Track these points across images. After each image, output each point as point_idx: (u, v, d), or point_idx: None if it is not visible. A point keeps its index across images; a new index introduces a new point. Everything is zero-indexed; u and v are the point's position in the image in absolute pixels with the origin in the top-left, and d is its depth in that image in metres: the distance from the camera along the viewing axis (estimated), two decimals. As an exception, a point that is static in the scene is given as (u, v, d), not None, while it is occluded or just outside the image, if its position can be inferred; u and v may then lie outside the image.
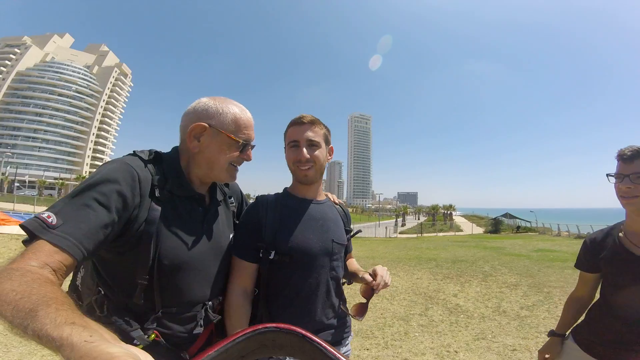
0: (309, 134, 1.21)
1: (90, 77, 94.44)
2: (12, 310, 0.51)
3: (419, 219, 68.55)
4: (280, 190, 1.35)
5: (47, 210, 0.74)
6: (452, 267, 8.85)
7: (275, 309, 1.16)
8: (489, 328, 4.18)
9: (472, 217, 57.10)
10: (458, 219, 50.09)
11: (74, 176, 75.34)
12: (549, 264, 9.38)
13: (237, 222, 1.26)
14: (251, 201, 1.34)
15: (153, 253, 0.90)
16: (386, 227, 32.98)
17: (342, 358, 0.59)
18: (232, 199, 1.29)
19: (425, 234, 30.47)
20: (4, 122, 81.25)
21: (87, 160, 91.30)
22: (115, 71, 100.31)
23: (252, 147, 1.13)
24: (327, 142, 1.30)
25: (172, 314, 0.96)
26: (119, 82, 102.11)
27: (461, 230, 34.28)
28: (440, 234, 30.31)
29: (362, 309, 1.20)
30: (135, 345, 0.86)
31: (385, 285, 1.19)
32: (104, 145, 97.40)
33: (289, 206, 1.25)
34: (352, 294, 3.76)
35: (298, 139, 1.22)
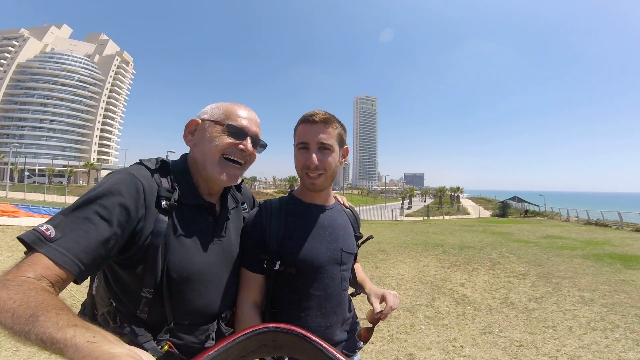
0: (322, 137, 1.08)
1: (92, 66, 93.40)
2: (11, 317, 0.51)
3: (425, 201, 68.49)
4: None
5: (46, 222, 0.72)
6: (460, 254, 8.83)
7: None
8: (496, 321, 4.15)
9: (480, 200, 56.85)
10: (465, 202, 49.75)
11: (82, 163, 76.11)
12: (558, 252, 9.30)
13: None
14: None
15: (161, 266, 0.89)
16: (392, 210, 32.88)
17: (342, 358, 0.60)
18: (245, 205, 1.25)
19: (431, 217, 30.30)
20: (10, 113, 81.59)
21: (95, 148, 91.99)
22: (117, 59, 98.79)
23: (257, 142, 1.06)
24: (342, 143, 1.17)
25: (184, 326, 0.95)
26: (121, 70, 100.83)
27: (468, 214, 34.01)
28: (447, 217, 30.12)
29: (367, 334, 1.14)
30: None
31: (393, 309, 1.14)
32: (110, 132, 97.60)
33: (295, 213, 1.16)
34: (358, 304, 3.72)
35: (308, 140, 1.09)
